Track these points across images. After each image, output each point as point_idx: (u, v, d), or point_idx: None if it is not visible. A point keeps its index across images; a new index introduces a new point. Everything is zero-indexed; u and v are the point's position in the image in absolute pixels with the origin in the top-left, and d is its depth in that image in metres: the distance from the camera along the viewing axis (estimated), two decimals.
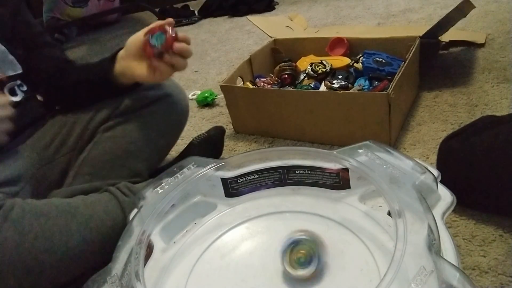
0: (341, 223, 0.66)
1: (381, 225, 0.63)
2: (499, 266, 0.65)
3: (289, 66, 1.25)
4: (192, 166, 0.71)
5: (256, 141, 1.14)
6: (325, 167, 0.70)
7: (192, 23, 2.58)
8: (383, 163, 0.62)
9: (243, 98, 1.12)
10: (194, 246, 0.68)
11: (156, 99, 0.89)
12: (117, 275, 0.52)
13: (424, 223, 0.50)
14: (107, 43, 2.62)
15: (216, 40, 2.16)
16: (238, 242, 0.68)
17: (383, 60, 1.15)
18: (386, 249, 0.59)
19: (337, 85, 1.10)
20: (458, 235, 0.71)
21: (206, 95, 1.39)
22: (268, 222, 0.70)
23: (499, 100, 1.07)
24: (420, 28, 1.22)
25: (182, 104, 0.96)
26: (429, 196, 0.57)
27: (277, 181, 0.75)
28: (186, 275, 0.62)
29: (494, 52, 1.32)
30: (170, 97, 0.92)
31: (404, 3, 2.05)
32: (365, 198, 0.69)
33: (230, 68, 1.61)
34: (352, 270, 0.58)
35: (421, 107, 1.13)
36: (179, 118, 0.97)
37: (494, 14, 1.62)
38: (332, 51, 1.31)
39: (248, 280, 0.60)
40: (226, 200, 0.75)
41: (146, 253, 0.57)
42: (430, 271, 0.44)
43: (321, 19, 2.09)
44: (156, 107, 0.89)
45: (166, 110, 0.91)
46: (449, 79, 1.22)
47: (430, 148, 0.96)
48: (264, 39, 1.52)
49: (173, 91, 0.93)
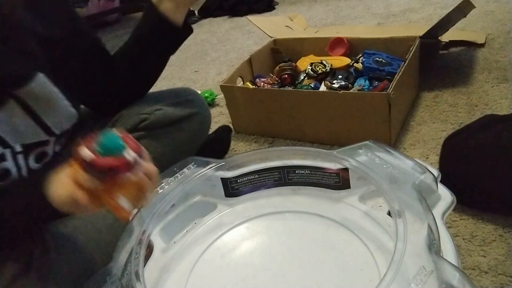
0: (341, 223, 0.66)
1: (381, 225, 0.63)
2: (499, 266, 0.65)
3: (289, 66, 1.25)
4: (192, 166, 0.71)
5: (256, 141, 1.14)
6: (325, 167, 0.70)
7: (192, 23, 2.58)
8: (383, 163, 0.62)
9: (243, 98, 1.12)
10: (194, 246, 0.68)
11: (184, 117, 0.87)
12: (117, 275, 0.52)
13: (424, 223, 0.50)
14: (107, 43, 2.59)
15: (216, 40, 2.16)
16: (238, 242, 0.68)
17: (383, 60, 1.15)
18: (386, 249, 0.59)
19: (337, 85, 1.10)
20: (458, 235, 0.71)
21: (206, 95, 1.39)
22: (268, 222, 0.70)
23: (499, 100, 1.07)
24: (420, 28, 1.22)
25: (207, 122, 0.94)
26: (429, 196, 0.57)
27: (277, 181, 0.75)
28: (186, 275, 0.62)
29: (494, 52, 1.32)
30: (197, 116, 0.89)
31: (404, 3, 2.05)
32: (365, 198, 0.69)
33: (230, 68, 1.61)
34: (352, 270, 0.58)
35: (421, 107, 1.13)
36: (203, 133, 0.95)
37: (494, 14, 1.62)
38: (332, 51, 1.31)
39: (248, 280, 0.60)
40: (226, 200, 0.75)
41: (146, 253, 0.57)
42: (430, 271, 0.44)
43: (321, 19, 2.09)
44: (184, 125, 0.87)
45: (193, 129, 0.89)
46: (449, 79, 1.22)
47: (430, 148, 0.96)
48: (264, 39, 1.52)
49: (200, 108, 0.91)
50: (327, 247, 0.63)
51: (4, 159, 0.59)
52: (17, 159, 0.62)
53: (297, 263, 0.61)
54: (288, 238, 0.67)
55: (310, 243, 0.64)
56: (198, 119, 0.90)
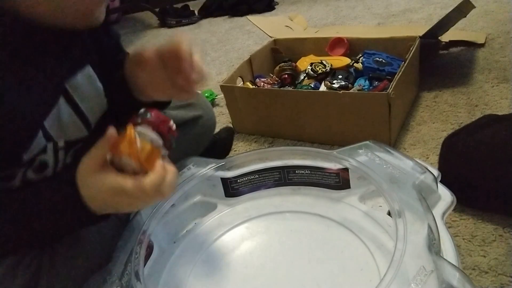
0: (341, 223, 0.66)
1: (381, 225, 0.63)
2: (499, 266, 0.65)
3: (289, 66, 1.25)
4: (192, 166, 0.71)
5: (256, 141, 1.14)
6: (325, 167, 0.70)
7: (192, 23, 2.58)
8: (383, 163, 0.62)
9: (243, 98, 1.12)
10: (194, 246, 0.68)
11: (188, 120, 0.85)
12: (117, 275, 0.52)
13: (424, 223, 0.50)
14: None
15: (216, 40, 2.16)
16: (238, 242, 0.68)
17: (383, 60, 1.15)
18: (386, 249, 0.59)
19: (337, 85, 1.10)
20: (458, 235, 0.71)
21: (206, 95, 1.39)
22: (268, 222, 0.70)
23: (499, 100, 1.07)
24: (420, 28, 1.22)
25: (211, 124, 0.93)
26: (429, 196, 0.57)
27: (277, 181, 0.75)
28: (186, 275, 0.62)
29: (494, 52, 1.32)
30: (201, 118, 0.88)
31: (404, 3, 2.05)
32: (365, 198, 0.69)
33: (230, 68, 1.61)
34: (352, 270, 0.58)
35: (421, 107, 1.13)
36: (207, 136, 0.94)
37: (494, 14, 1.62)
38: (332, 51, 1.31)
39: (248, 280, 0.60)
40: (226, 200, 0.75)
41: (146, 253, 0.57)
42: (430, 271, 0.44)
43: (321, 19, 2.09)
44: (187, 128, 0.84)
45: (197, 132, 0.87)
46: (449, 79, 1.22)
47: (430, 148, 0.96)
48: (264, 39, 1.52)
49: (204, 111, 0.89)
50: (327, 247, 0.63)
51: (45, 151, 0.58)
52: (58, 154, 0.61)
53: (297, 263, 0.61)
54: (288, 238, 0.67)
55: (310, 243, 0.65)
56: (202, 122, 0.88)
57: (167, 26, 2.61)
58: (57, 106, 0.57)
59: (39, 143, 0.55)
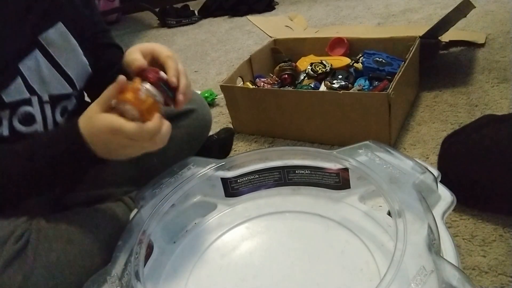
0: (341, 223, 0.66)
1: (381, 225, 0.63)
2: (499, 266, 0.65)
3: (289, 66, 1.25)
4: (192, 166, 0.71)
5: (256, 141, 1.14)
6: (325, 167, 0.70)
7: (192, 23, 2.58)
8: (383, 163, 0.62)
9: (243, 98, 1.12)
10: (194, 246, 0.68)
11: (180, 114, 0.85)
12: (117, 275, 0.52)
13: (424, 223, 0.50)
14: None
15: (216, 40, 2.16)
16: (238, 242, 0.68)
17: (383, 60, 1.15)
18: (386, 249, 0.59)
19: (337, 85, 1.10)
20: (458, 235, 0.71)
21: (206, 95, 1.39)
22: (268, 222, 0.70)
23: (499, 100, 1.07)
24: (420, 28, 1.22)
25: (206, 119, 0.93)
26: (429, 196, 0.57)
27: (277, 181, 0.75)
28: (186, 275, 0.62)
29: (494, 52, 1.32)
30: (194, 112, 0.88)
31: (404, 3, 2.05)
32: (365, 198, 0.69)
33: (230, 68, 1.61)
34: (352, 270, 0.58)
35: (421, 107, 1.13)
36: (202, 132, 0.93)
37: (494, 14, 1.62)
38: (332, 51, 1.31)
39: (248, 280, 0.60)
40: (226, 200, 0.75)
41: (146, 253, 0.57)
42: (430, 271, 0.44)
43: (321, 19, 2.09)
44: (180, 122, 0.85)
45: (190, 125, 0.87)
46: (449, 79, 1.22)
47: (430, 148, 0.96)
48: (264, 39, 1.52)
49: (198, 106, 0.89)
50: (327, 247, 0.63)
51: (30, 104, 0.61)
52: (44, 109, 0.63)
53: (297, 263, 0.61)
54: (288, 238, 0.67)
55: (310, 243, 0.65)
56: (196, 116, 0.89)
57: (167, 26, 2.61)
58: (33, 57, 0.61)
59: (19, 89, 0.59)
